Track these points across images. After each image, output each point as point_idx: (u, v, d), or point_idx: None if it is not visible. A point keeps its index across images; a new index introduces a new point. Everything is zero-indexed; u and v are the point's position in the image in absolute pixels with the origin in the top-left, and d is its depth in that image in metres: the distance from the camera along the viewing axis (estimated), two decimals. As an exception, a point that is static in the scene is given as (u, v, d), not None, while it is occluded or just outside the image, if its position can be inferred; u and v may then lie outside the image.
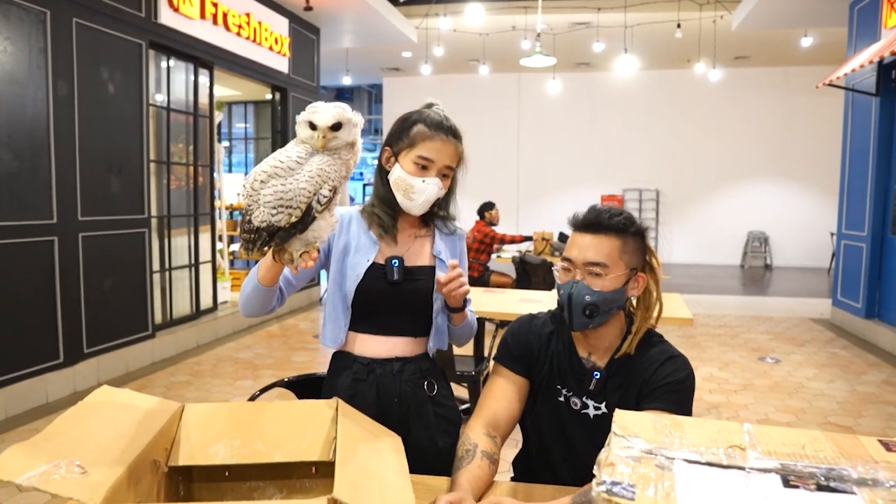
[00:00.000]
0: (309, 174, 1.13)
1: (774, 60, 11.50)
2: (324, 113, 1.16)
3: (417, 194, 1.46)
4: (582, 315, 1.37)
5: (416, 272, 1.53)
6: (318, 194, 1.15)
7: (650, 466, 0.80)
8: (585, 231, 1.40)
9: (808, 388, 4.52)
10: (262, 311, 1.46)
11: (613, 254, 1.38)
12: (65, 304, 4.18)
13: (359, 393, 1.49)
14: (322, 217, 1.18)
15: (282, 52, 6.88)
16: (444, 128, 1.48)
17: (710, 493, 0.76)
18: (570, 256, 1.40)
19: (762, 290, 9.85)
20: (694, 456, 0.83)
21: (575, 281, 1.37)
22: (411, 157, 1.47)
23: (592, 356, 1.44)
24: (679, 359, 1.40)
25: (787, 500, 0.75)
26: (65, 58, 4.10)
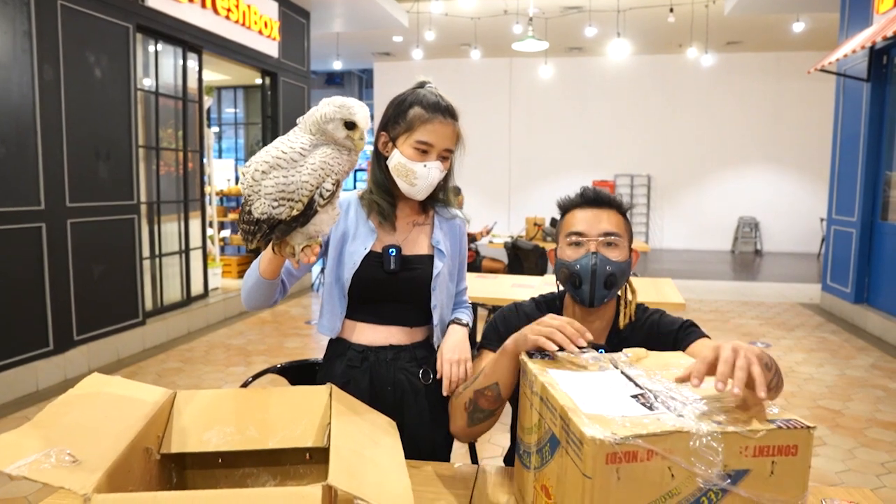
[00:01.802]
0: (312, 167, 1.10)
1: (766, 46, 11.49)
2: (364, 112, 1.13)
3: (420, 180, 1.44)
4: (603, 287, 1.35)
5: (413, 261, 1.51)
6: (321, 188, 1.11)
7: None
8: (591, 206, 1.41)
9: (797, 373, 4.56)
10: (266, 304, 1.44)
11: (622, 226, 1.41)
12: (54, 292, 4.15)
13: (352, 380, 1.49)
14: (324, 211, 1.15)
15: (271, 36, 6.80)
16: (441, 109, 1.45)
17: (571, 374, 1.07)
18: (581, 230, 1.38)
19: (753, 275, 9.91)
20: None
21: (594, 253, 1.35)
22: (410, 143, 1.44)
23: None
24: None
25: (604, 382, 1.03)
26: (50, 41, 4.03)
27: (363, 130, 1.12)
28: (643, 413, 0.89)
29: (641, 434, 0.80)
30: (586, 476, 0.81)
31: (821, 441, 3.35)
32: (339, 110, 1.10)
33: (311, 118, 1.12)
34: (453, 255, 1.59)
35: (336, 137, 1.12)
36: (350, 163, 1.15)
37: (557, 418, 0.92)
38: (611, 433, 0.80)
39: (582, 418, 0.86)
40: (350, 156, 1.14)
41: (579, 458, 0.83)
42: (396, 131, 1.46)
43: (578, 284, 1.36)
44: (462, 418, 1.35)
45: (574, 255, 1.38)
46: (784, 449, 0.84)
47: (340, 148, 1.13)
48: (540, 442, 1.02)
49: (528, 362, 1.15)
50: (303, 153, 1.11)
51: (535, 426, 1.05)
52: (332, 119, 1.10)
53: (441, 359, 1.47)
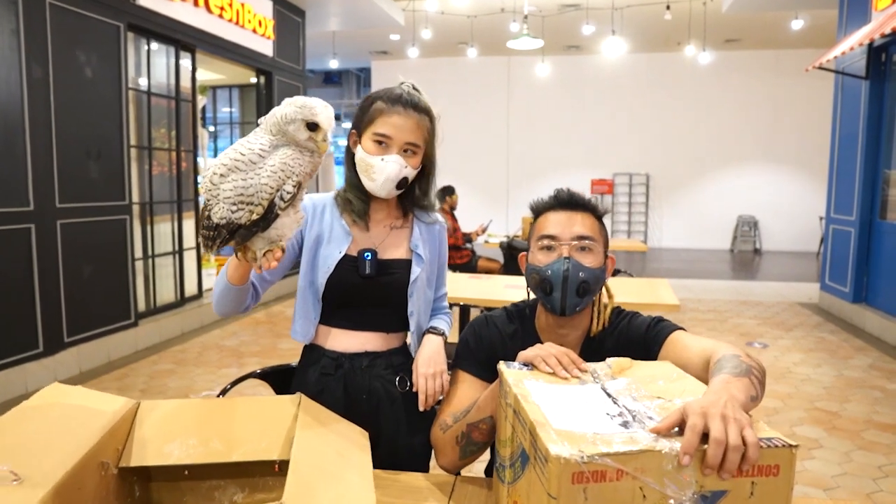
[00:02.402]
0: (272, 169, 1.06)
1: (765, 43, 11.44)
2: (327, 113, 1.09)
3: (377, 174, 1.39)
4: (575, 294, 1.28)
5: (390, 266, 1.47)
6: (282, 190, 1.07)
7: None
8: (564, 209, 1.35)
9: (794, 374, 4.52)
10: (237, 310, 1.39)
11: (596, 230, 1.34)
12: (43, 293, 4.11)
13: (326, 388, 1.45)
14: (286, 214, 1.11)
15: (266, 35, 6.75)
16: (402, 101, 1.40)
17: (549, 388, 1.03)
18: (554, 233, 1.31)
19: (751, 274, 9.86)
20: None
21: (566, 258, 1.28)
22: (369, 136, 1.41)
23: (564, 347, 1.39)
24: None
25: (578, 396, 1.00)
26: (39, 40, 3.99)
27: (326, 132, 1.08)
28: (617, 430, 0.85)
29: (610, 453, 0.76)
30: (551, 496, 0.77)
31: (817, 444, 3.31)
32: (301, 111, 1.06)
33: (271, 118, 1.08)
34: (432, 261, 1.55)
35: (297, 139, 1.08)
36: (313, 164, 1.11)
37: (527, 433, 0.88)
38: (578, 451, 0.76)
39: (550, 434, 0.82)
40: (313, 157, 1.10)
41: (545, 477, 0.79)
42: (361, 126, 1.43)
43: (549, 291, 1.29)
44: (454, 452, 1.29)
45: (545, 259, 1.31)
46: (765, 469, 0.80)
47: (302, 149, 1.09)
48: (513, 456, 0.98)
49: (506, 371, 1.11)
50: (262, 155, 1.07)
51: (509, 439, 1.01)
52: (294, 120, 1.07)
53: (416, 372, 1.43)
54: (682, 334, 1.29)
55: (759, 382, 1.02)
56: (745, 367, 1.02)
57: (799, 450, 0.83)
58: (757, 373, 1.03)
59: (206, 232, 1.10)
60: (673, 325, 1.33)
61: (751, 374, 1.01)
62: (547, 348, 1.15)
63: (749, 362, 1.05)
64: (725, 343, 1.17)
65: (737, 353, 1.08)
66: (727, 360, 1.06)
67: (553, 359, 1.11)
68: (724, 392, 0.91)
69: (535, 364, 1.13)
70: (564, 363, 1.11)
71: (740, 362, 1.04)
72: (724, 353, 1.10)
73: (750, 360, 1.06)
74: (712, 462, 0.78)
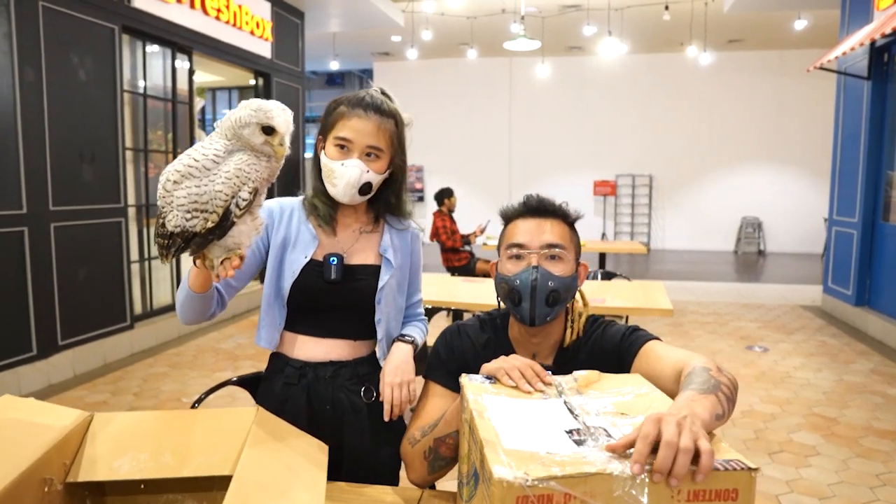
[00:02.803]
0: (226, 175, 1.03)
1: (768, 44, 11.37)
2: (284, 117, 1.05)
3: (338, 178, 1.36)
4: (545, 304, 1.24)
5: (358, 271, 1.43)
6: (237, 197, 1.04)
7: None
8: (533, 216, 1.31)
9: (794, 378, 4.46)
10: (201, 318, 1.35)
11: (567, 237, 1.30)
12: (37, 296, 4.10)
13: (290, 398, 1.41)
14: (242, 222, 1.08)
15: (264, 37, 6.74)
16: (363, 104, 1.37)
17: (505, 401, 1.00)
18: (522, 241, 1.27)
19: (755, 276, 9.79)
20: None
21: (534, 267, 1.25)
22: (331, 140, 1.38)
23: (537, 357, 1.33)
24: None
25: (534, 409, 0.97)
26: (31, 43, 3.98)
27: (283, 136, 1.05)
28: (571, 450, 0.81)
29: (557, 476, 0.73)
30: None
31: (814, 451, 3.25)
32: (255, 114, 1.03)
33: (226, 122, 1.06)
34: (403, 267, 1.51)
35: (253, 143, 1.05)
36: (270, 170, 1.08)
37: (478, 451, 0.85)
38: (523, 473, 0.73)
39: (499, 454, 0.78)
40: (270, 162, 1.07)
41: (489, 500, 0.75)
42: (325, 131, 1.40)
43: (518, 301, 1.26)
44: (422, 467, 1.26)
45: (514, 269, 1.27)
46: (722, 493, 0.76)
47: (258, 154, 1.06)
48: (468, 474, 0.94)
49: (467, 385, 1.07)
50: (216, 160, 1.04)
51: (466, 456, 0.97)
52: (248, 123, 1.03)
53: (382, 381, 1.39)
54: (656, 345, 1.25)
55: (728, 399, 0.97)
56: (713, 382, 0.98)
57: (759, 472, 0.79)
58: (726, 389, 0.99)
59: (160, 240, 1.08)
60: (648, 335, 1.28)
61: (718, 390, 0.96)
62: (511, 361, 1.11)
63: (719, 378, 1.00)
64: (700, 355, 1.12)
65: (707, 367, 1.04)
66: (696, 374, 1.02)
67: (516, 372, 1.08)
68: (686, 409, 0.87)
69: (498, 377, 1.09)
70: (528, 376, 1.07)
71: (709, 377, 1.00)
72: (694, 366, 1.05)
73: (720, 376, 1.02)
74: (660, 465, 0.74)
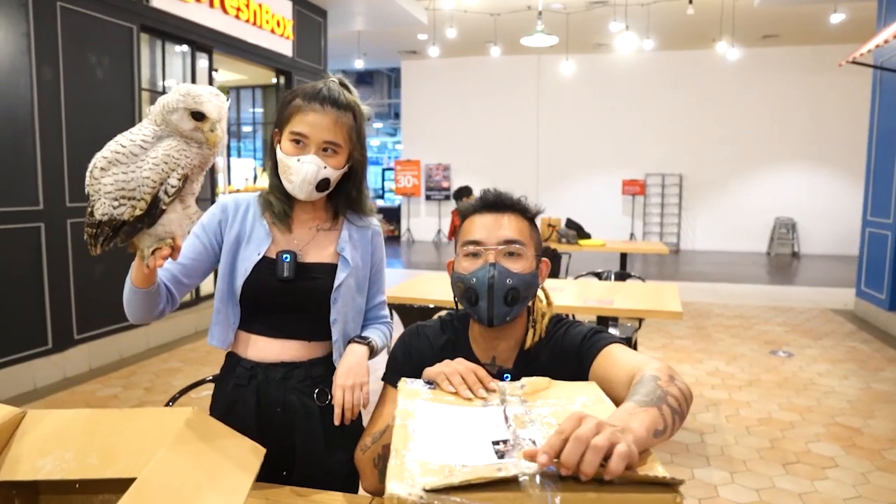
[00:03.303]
0: (154, 161, 1.01)
1: (803, 39, 11.01)
2: (216, 102, 1.02)
3: (294, 175, 1.31)
4: (503, 303, 1.18)
5: (312, 270, 1.38)
6: (166, 184, 1.02)
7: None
8: (491, 211, 1.24)
9: (818, 385, 4.28)
10: (148, 316, 1.30)
11: (526, 232, 1.24)
12: (53, 291, 4.17)
13: (240, 400, 1.37)
14: (172, 210, 1.06)
15: (285, 35, 6.77)
16: (320, 97, 1.32)
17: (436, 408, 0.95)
18: (479, 238, 1.21)
19: (786, 278, 9.49)
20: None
21: (492, 264, 1.18)
22: (287, 135, 1.33)
23: (497, 360, 1.27)
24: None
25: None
26: (49, 42, 4.05)
27: (214, 122, 1.01)
28: (488, 462, 0.75)
29: (454, 485, 0.67)
30: None
31: (833, 463, 3.11)
32: (184, 99, 1.00)
33: (156, 107, 1.03)
34: (363, 265, 1.46)
35: (182, 129, 1.02)
36: (202, 156, 1.05)
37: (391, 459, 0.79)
38: (420, 489, 0.67)
39: (403, 464, 0.73)
40: (202, 149, 1.04)
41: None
42: (281, 126, 1.36)
43: (475, 301, 1.19)
44: (373, 475, 1.20)
45: (470, 266, 1.21)
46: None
47: (189, 140, 1.03)
48: None
49: (403, 388, 1.02)
50: (144, 146, 1.01)
51: None
52: (176, 109, 1.01)
53: (334, 384, 1.34)
54: (616, 348, 1.17)
55: (675, 413, 0.89)
56: (658, 394, 0.90)
57: (678, 491, 0.71)
58: (673, 401, 0.90)
59: (89, 229, 1.05)
60: (609, 338, 1.21)
61: (663, 402, 0.88)
62: (454, 365, 1.05)
63: (667, 388, 0.92)
64: (658, 362, 1.04)
65: (656, 375, 0.96)
66: (643, 384, 0.94)
67: (457, 377, 1.02)
68: (620, 422, 0.80)
69: (438, 382, 1.04)
70: (469, 382, 1.01)
71: (656, 387, 0.92)
72: (643, 374, 0.97)
73: (669, 385, 0.93)
74: (566, 457, 0.67)
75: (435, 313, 3.29)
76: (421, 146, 13.80)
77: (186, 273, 1.36)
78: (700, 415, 3.71)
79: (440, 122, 13.57)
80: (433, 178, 13.65)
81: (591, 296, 3.38)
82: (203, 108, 1.00)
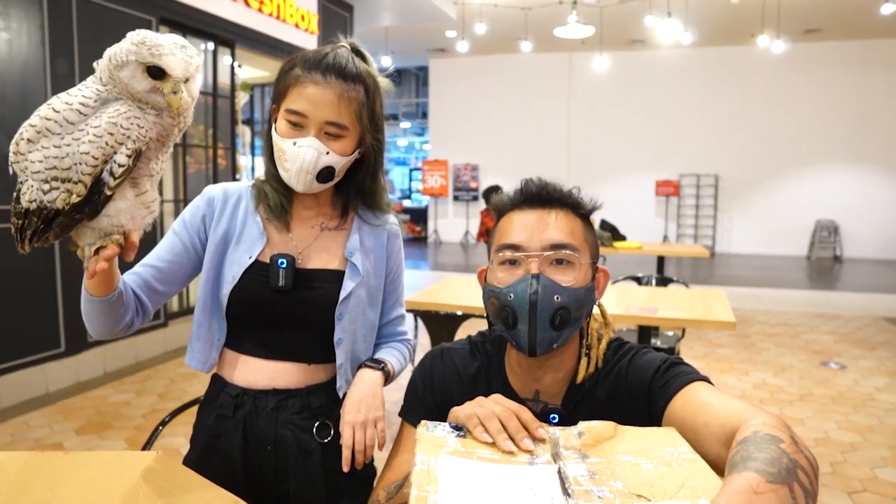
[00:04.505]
0: (95, 132, 0.77)
1: (850, 33, 10.51)
2: (180, 55, 0.79)
3: (290, 162, 1.06)
4: (549, 327, 0.91)
5: (314, 277, 1.13)
6: (111, 162, 0.78)
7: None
8: (534, 206, 0.98)
9: (878, 401, 3.94)
10: (112, 328, 1.04)
11: (579, 234, 0.97)
12: (66, 292, 4.03)
13: (223, 434, 1.13)
14: (121, 196, 0.82)
15: (309, 30, 6.59)
16: (323, 66, 1.06)
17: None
18: (518, 241, 0.95)
19: (830, 284, 9.03)
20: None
21: (534, 276, 0.91)
22: (282, 113, 1.08)
23: (542, 395, 1.00)
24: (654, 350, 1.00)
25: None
26: (64, 34, 3.91)
27: (177, 81, 0.78)
28: None
29: None
30: None
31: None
32: (137, 49, 0.76)
33: (103, 61, 0.79)
34: (376, 273, 1.20)
35: (134, 90, 0.78)
36: (161, 127, 0.81)
37: None
38: None
39: None
40: (162, 117, 0.80)
41: None
42: (278, 100, 1.10)
43: (513, 323, 0.93)
44: None
45: (507, 278, 0.95)
46: None
47: (143, 105, 0.79)
48: None
49: (423, 437, 0.77)
50: (83, 112, 0.77)
51: None
52: (126, 62, 0.77)
53: (342, 419, 1.09)
54: (701, 388, 0.88)
55: (807, 493, 0.61)
56: (786, 464, 0.62)
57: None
58: (804, 477, 0.62)
59: (14, 220, 0.82)
60: (692, 374, 0.92)
61: (793, 479, 0.60)
62: (490, 405, 0.80)
63: (794, 456, 0.64)
64: (764, 411, 0.76)
65: (775, 436, 0.67)
66: (758, 444, 0.66)
67: (495, 422, 0.77)
68: None
69: (470, 428, 0.79)
70: (511, 429, 0.76)
71: (781, 454, 0.63)
72: (755, 430, 0.69)
73: (796, 451, 0.65)
74: None
75: (463, 321, 3.05)
76: (449, 146, 13.57)
77: (161, 278, 1.12)
78: (749, 433, 3.40)
79: (468, 121, 13.32)
80: (461, 178, 13.41)
81: (633, 303, 3.11)
82: (162, 63, 0.77)
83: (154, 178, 0.87)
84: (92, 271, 0.85)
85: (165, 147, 0.86)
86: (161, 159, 0.86)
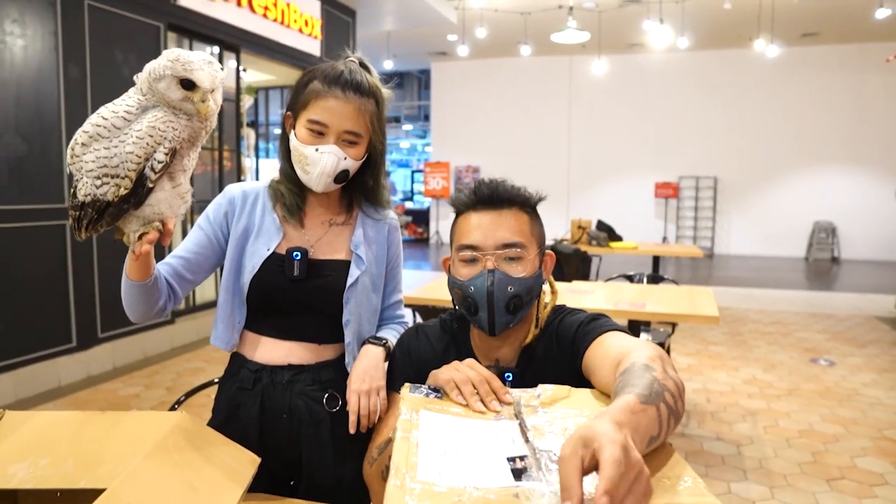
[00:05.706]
0: (138, 135, 0.93)
1: (846, 37, 10.64)
2: (208, 70, 0.94)
3: (312, 166, 1.21)
4: (505, 312, 1.09)
5: (324, 267, 1.29)
6: (152, 160, 0.94)
7: None
8: (486, 208, 1.13)
9: (863, 396, 4.06)
10: (149, 312, 1.19)
11: (526, 230, 1.12)
12: (77, 289, 4.17)
13: (243, 404, 1.28)
14: (160, 188, 0.97)
15: (313, 35, 6.74)
16: (341, 82, 1.21)
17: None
18: (475, 242, 1.11)
19: (826, 284, 9.15)
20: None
21: (490, 271, 1.08)
22: (304, 122, 1.22)
23: (501, 362, 1.17)
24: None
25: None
26: (76, 40, 4.06)
27: (205, 91, 0.92)
28: (505, 484, 0.64)
29: None
30: None
31: (882, 480, 2.91)
32: (172, 65, 0.91)
33: (143, 75, 0.94)
34: (378, 262, 1.36)
35: (170, 99, 0.93)
36: (192, 129, 0.96)
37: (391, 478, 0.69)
38: None
39: (404, 485, 0.62)
40: (192, 121, 0.95)
41: None
42: (296, 110, 1.25)
43: (475, 311, 1.10)
44: (381, 489, 1.10)
45: (468, 272, 1.11)
46: None
47: (177, 111, 0.94)
48: None
49: (406, 397, 0.92)
50: (127, 118, 0.93)
51: None
52: (163, 76, 0.92)
53: (348, 388, 1.24)
54: (610, 335, 1.04)
55: (671, 414, 0.76)
56: (657, 389, 0.77)
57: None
58: (670, 397, 0.78)
59: (72, 212, 0.98)
60: (608, 325, 1.08)
61: (660, 400, 0.76)
62: (465, 371, 0.95)
63: (664, 381, 0.79)
64: (649, 345, 0.91)
65: (650, 366, 0.83)
66: (635, 373, 0.81)
67: (468, 386, 0.92)
68: (627, 424, 0.67)
69: (447, 391, 0.93)
70: (482, 393, 0.91)
71: (653, 380, 0.79)
72: (632, 362, 0.85)
73: (665, 377, 0.80)
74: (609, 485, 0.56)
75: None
76: (450, 148, 13.72)
77: (189, 267, 1.28)
78: (737, 425, 3.53)
79: (470, 123, 13.47)
80: (463, 180, 13.55)
81: (623, 299, 3.24)
82: (193, 76, 0.92)
83: (187, 173, 1.02)
84: (138, 252, 1.00)
85: (195, 146, 1.01)
86: (192, 157, 1.01)
